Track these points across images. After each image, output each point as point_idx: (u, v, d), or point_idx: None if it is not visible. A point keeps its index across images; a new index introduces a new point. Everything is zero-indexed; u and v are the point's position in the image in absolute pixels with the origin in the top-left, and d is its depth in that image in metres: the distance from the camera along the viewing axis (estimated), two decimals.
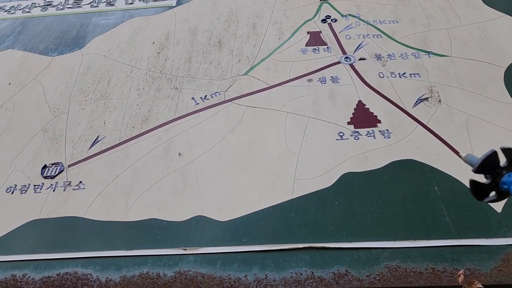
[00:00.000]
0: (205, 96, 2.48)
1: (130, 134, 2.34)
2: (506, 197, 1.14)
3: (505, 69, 2.40)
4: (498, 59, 2.46)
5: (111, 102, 2.54)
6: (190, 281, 1.72)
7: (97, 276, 1.78)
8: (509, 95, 2.26)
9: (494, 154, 1.13)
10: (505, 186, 1.12)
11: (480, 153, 2.00)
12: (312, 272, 1.69)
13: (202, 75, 2.62)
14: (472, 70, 2.42)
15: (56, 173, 2.19)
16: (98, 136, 2.35)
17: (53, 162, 2.24)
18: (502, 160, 1.11)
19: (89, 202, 2.05)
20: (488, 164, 1.14)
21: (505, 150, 1.13)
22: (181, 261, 1.79)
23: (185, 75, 2.63)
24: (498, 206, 1.82)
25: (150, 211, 1.99)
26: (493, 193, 1.18)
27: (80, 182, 2.14)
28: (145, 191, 2.06)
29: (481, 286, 1.54)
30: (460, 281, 1.57)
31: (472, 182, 1.17)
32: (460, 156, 1.19)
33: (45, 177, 2.18)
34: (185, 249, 1.82)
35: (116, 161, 2.21)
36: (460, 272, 1.58)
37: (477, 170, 1.16)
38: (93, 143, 2.32)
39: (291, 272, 1.70)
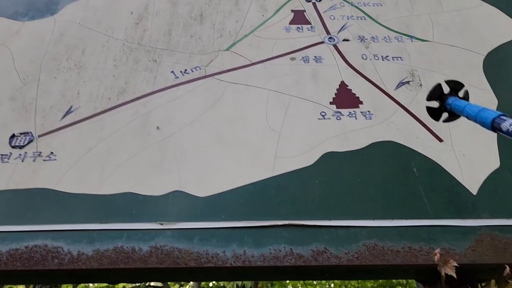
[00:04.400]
0: (185, 70, 2.40)
1: (105, 106, 2.23)
2: (456, 117, 1.50)
3: (484, 56, 2.44)
4: (477, 47, 2.49)
5: (85, 72, 2.42)
6: (167, 256, 1.68)
7: (68, 249, 1.71)
8: (487, 82, 2.31)
9: (439, 85, 1.48)
10: (448, 106, 1.46)
11: (459, 138, 2.04)
12: (291, 249, 1.69)
13: (182, 48, 2.53)
14: (452, 56, 2.44)
15: (26, 143, 2.07)
16: (72, 106, 2.23)
17: (22, 131, 2.13)
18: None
19: (61, 174, 1.96)
20: (435, 93, 1.48)
21: (448, 82, 1.49)
22: (157, 235, 1.74)
23: (164, 48, 2.54)
24: (474, 189, 1.86)
25: (125, 185, 1.91)
26: (445, 114, 1.51)
27: (51, 153, 2.04)
28: (120, 165, 1.99)
29: (456, 264, 1.58)
30: (436, 260, 1.60)
31: (428, 108, 1.53)
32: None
33: (13, 147, 2.06)
34: (162, 224, 1.77)
35: (91, 133, 2.12)
36: (436, 251, 1.61)
37: (428, 98, 1.50)
38: (66, 113, 2.20)
39: (270, 249, 1.69)
